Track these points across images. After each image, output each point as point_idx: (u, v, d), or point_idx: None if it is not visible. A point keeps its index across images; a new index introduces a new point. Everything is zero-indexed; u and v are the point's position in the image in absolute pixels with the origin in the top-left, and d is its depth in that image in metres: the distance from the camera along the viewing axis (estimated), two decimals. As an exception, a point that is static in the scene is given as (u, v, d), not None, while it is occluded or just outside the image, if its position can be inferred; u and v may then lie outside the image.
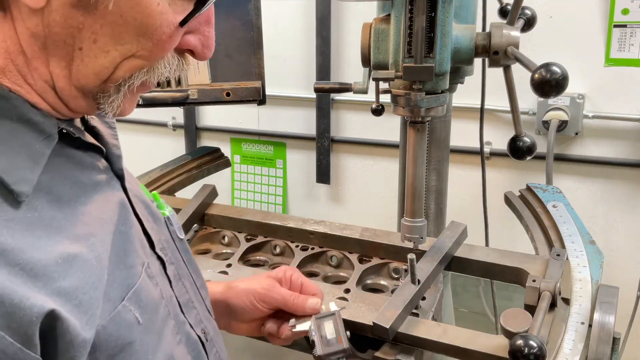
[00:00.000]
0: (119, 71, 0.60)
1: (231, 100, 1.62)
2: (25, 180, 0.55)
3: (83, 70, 0.59)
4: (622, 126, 1.98)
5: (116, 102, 0.63)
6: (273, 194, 2.66)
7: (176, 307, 0.76)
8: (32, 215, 0.56)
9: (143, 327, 0.64)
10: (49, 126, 0.60)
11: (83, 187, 0.64)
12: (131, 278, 0.65)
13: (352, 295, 1.20)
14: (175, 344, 0.72)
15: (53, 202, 0.59)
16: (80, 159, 0.66)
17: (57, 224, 0.58)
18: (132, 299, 0.63)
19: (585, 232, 1.29)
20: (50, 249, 0.55)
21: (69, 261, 0.56)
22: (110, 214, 0.66)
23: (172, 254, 0.80)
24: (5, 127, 0.56)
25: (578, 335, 1.02)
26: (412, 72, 1.00)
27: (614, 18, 1.89)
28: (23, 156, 0.56)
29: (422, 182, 1.16)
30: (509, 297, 2.05)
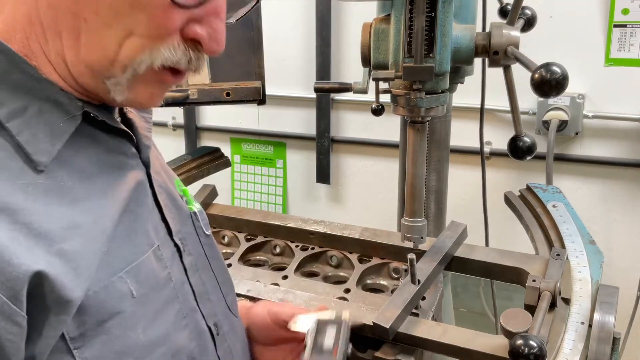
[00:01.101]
0: (123, 50, 0.62)
1: (231, 100, 1.62)
2: (44, 152, 0.62)
3: (90, 45, 0.62)
4: (622, 126, 1.98)
5: (122, 87, 0.65)
6: (273, 194, 2.66)
7: (188, 294, 0.78)
8: (50, 182, 0.62)
9: (137, 300, 0.67)
10: (74, 108, 0.65)
11: (105, 166, 0.69)
12: (135, 254, 0.69)
13: (352, 295, 1.20)
14: (180, 327, 0.74)
15: (73, 175, 0.65)
16: (107, 142, 0.71)
17: (72, 194, 0.64)
18: (131, 272, 0.67)
19: (585, 232, 1.29)
20: (59, 215, 0.61)
21: (74, 228, 0.62)
22: (125, 194, 0.70)
23: (193, 246, 0.83)
24: (35, 106, 0.63)
25: (578, 335, 1.02)
26: (412, 72, 1.00)
27: (614, 18, 1.89)
28: (46, 132, 0.63)
29: (422, 182, 1.16)
30: (509, 297, 2.05)
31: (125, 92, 0.66)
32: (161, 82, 0.68)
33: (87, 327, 0.62)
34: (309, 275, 1.34)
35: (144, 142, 0.77)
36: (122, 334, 0.65)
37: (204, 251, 0.86)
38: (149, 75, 0.65)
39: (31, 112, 0.63)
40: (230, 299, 0.90)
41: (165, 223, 0.78)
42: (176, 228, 0.79)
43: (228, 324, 0.86)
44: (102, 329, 0.63)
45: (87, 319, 0.62)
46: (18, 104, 0.62)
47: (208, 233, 0.89)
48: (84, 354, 0.62)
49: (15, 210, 0.57)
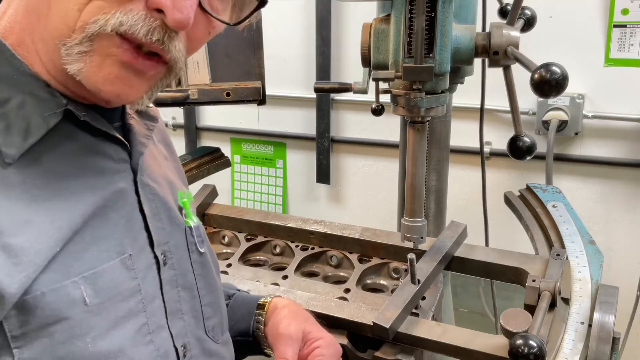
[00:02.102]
0: (82, 15, 0.60)
1: (231, 100, 1.62)
2: (14, 145, 0.62)
3: (55, 15, 0.61)
4: (621, 126, 1.98)
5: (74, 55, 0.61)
6: (273, 194, 2.66)
7: (158, 310, 0.74)
8: (15, 177, 0.62)
9: (89, 308, 0.64)
10: (55, 104, 0.65)
11: (81, 169, 0.68)
12: (97, 260, 0.66)
13: (352, 295, 1.20)
14: (142, 343, 0.70)
15: (42, 173, 0.64)
16: (91, 145, 0.69)
17: (34, 192, 0.63)
18: (89, 279, 0.64)
19: (585, 232, 1.29)
20: (13, 210, 0.60)
21: (25, 225, 0.61)
22: (98, 198, 0.68)
23: (179, 261, 0.79)
24: (17, 99, 0.63)
25: (578, 335, 1.02)
26: (412, 72, 1.00)
27: (614, 18, 1.89)
28: (22, 126, 0.63)
29: (422, 182, 1.16)
30: (509, 297, 2.05)
31: (78, 61, 0.61)
32: (118, 59, 0.62)
33: (30, 327, 0.60)
34: (309, 275, 1.34)
35: (137, 149, 0.74)
36: (66, 340, 0.62)
37: (192, 268, 0.82)
38: (104, 45, 0.61)
39: (12, 104, 0.63)
40: (211, 322, 0.85)
41: (148, 232, 0.74)
42: (161, 239, 0.76)
43: (199, 348, 0.81)
44: (45, 332, 0.61)
45: (30, 319, 0.60)
46: (1, 95, 0.63)
47: (202, 250, 0.85)
48: (23, 355, 0.60)
49: None
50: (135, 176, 0.74)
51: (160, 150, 0.88)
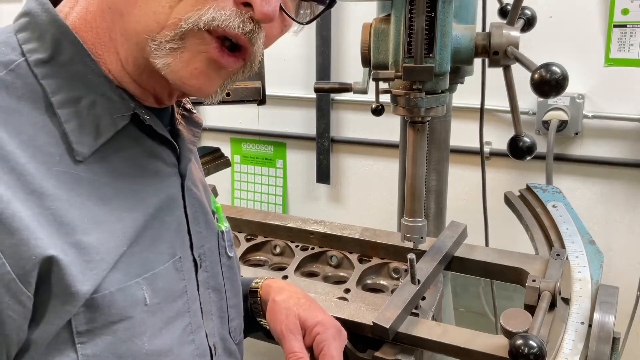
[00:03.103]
0: (174, 13, 0.62)
1: (231, 100, 1.62)
2: (86, 144, 0.64)
3: (143, 13, 0.62)
4: (622, 126, 1.98)
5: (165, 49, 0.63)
6: (273, 194, 2.66)
7: (198, 310, 0.77)
8: (85, 175, 0.63)
9: (149, 308, 0.66)
10: (125, 107, 0.67)
11: (142, 170, 0.70)
12: (155, 262, 0.68)
13: (352, 295, 1.20)
14: (186, 342, 0.73)
15: (109, 172, 0.66)
16: (150, 148, 0.72)
17: (103, 190, 0.65)
18: (149, 279, 0.67)
19: (585, 232, 1.29)
20: (85, 207, 0.62)
21: (96, 223, 0.62)
22: (156, 200, 0.70)
23: (211, 264, 0.82)
24: (89, 98, 0.65)
25: (578, 335, 1.02)
26: (412, 72, 1.00)
27: (614, 18, 1.89)
28: (93, 125, 0.65)
29: (422, 182, 1.16)
30: (509, 297, 2.05)
31: (168, 56, 0.63)
32: (207, 55, 0.64)
33: (96, 325, 0.62)
34: (309, 275, 1.34)
35: (185, 154, 0.77)
36: (127, 338, 0.64)
37: (221, 271, 0.85)
38: (195, 42, 0.63)
39: (84, 103, 0.64)
40: (234, 324, 0.89)
41: (190, 235, 0.77)
42: (199, 243, 0.79)
43: (222, 348, 0.85)
44: (109, 330, 0.63)
45: (97, 316, 0.62)
46: (74, 94, 0.64)
47: (231, 254, 0.88)
48: (86, 350, 0.61)
49: (44, 195, 0.59)
50: (183, 181, 0.76)
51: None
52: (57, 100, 0.63)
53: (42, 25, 0.65)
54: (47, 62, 0.64)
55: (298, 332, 0.94)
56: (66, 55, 0.64)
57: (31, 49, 0.64)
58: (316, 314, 0.96)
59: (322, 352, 0.91)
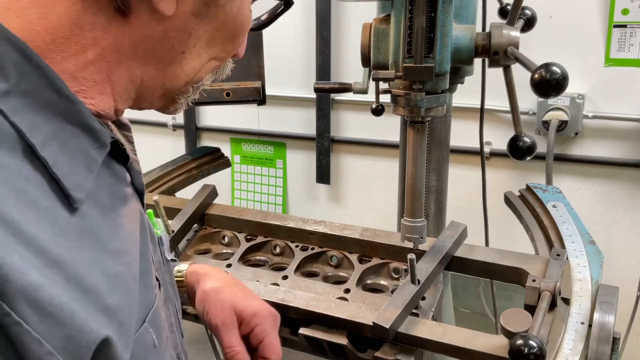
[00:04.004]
0: (200, 73, 0.66)
1: (231, 100, 1.62)
2: (81, 187, 0.54)
3: (178, 72, 0.64)
4: (622, 126, 1.98)
5: (187, 101, 0.69)
6: (273, 194, 2.66)
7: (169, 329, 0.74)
8: (83, 223, 0.54)
9: (157, 350, 0.62)
10: (104, 135, 0.58)
11: (117, 199, 0.62)
12: (150, 298, 0.63)
13: (352, 295, 1.20)
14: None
15: (99, 212, 0.57)
16: (117, 171, 0.64)
17: (102, 236, 0.56)
18: (151, 320, 0.62)
19: (585, 232, 1.29)
20: (97, 264, 0.53)
21: (113, 279, 0.54)
22: (136, 231, 0.64)
23: (162, 276, 0.77)
24: (67, 131, 0.54)
25: (578, 335, 1.02)
26: (412, 72, 1.00)
27: (614, 18, 1.89)
28: (79, 162, 0.55)
29: (422, 182, 1.16)
30: (509, 297, 2.05)
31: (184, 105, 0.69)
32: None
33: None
34: (309, 275, 1.34)
35: (134, 167, 0.68)
36: None
37: (168, 279, 0.81)
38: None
39: (62, 137, 0.53)
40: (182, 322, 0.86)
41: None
42: (155, 259, 0.73)
43: (184, 352, 0.82)
44: None
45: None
46: (49, 127, 0.52)
47: (169, 258, 0.84)
48: None
49: (62, 263, 0.49)
50: (142, 198, 0.70)
51: None
52: (37, 141, 0.51)
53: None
54: (8, 93, 0.50)
55: (234, 325, 0.94)
56: (30, 83, 0.52)
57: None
58: (251, 303, 0.96)
59: (263, 342, 0.92)
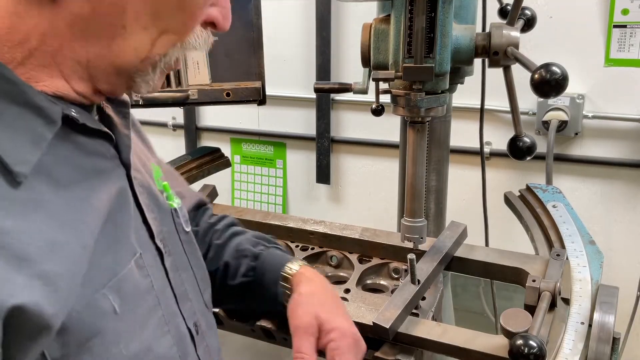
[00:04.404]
0: (155, 48, 0.63)
1: (231, 100, 1.62)
2: (24, 162, 0.57)
3: (123, 48, 0.62)
4: (621, 126, 1.98)
5: (152, 81, 0.66)
6: (273, 194, 2.66)
7: (170, 299, 0.76)
8: (28, 196, 0.57)
9: (119, 316, 0.64)
10: (53, 112, 0.61)
11: (84, 173, 0.65)
12: (117, 267, 0.66)
13: (352, 295, 1.20)
14: (161, 335, 0.72)
15: (51, 185, 0.60)
16: (86, 145, 0.66)
17: (51, 208, 0.59)
18: (113, 287, 0.64)
19: (585, 232, 1.29)
20: (38, 233, 0.57)
21: (54, 247, 0.57)
22: (105, 202, 0.66)
23: (172, 245, 0.80)
24: (12, 111, 0.58)
25: (578, 335, 1.02)
26: (412, 72, 1.00)
27: (614, 18, 1.89)
28: (24, 139, 0.58)
29: (422, 182, 1.16)
30: (509, 297, 2.05)
31: (152, 84, 0.67)
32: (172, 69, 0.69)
33: (70, 348, 0.59)
34: (309, 275, 1.34)
35: (124, 142, 0.73)
36: (104, 352, 0.62)
37: (183, 249, 0.83)
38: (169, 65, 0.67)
39: (8, 118, 0.57)
40: (207, 295, 0.88)
41: (147, 225, 0.74)
42: (157, 229, 0.76)
43: (205, 322, 0.84)
44: (84, 348, 0.60)
45: (69, 339, 0.59)
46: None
47: (187, 230, 0.86)
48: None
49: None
50: (128, 171, 0.73)
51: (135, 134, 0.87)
52: None
53: None
54: None
55: (311, 332, 0.91)
56: None
57: None
58: (336, 318, 0.93)
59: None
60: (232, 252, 1.05)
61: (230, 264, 1.04)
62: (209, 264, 1.00)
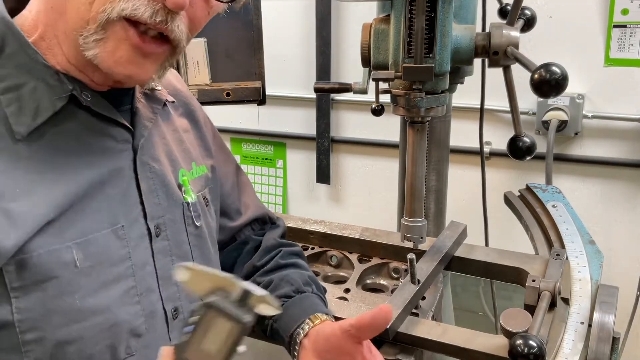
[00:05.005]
0: (93, 7, 0.69)
1: (231, 100, 1.62)
2: (24, 124, 0.71)
3: (70, 12, 0.70)
4: (621, 126, 1.98)
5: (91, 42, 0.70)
6: (273, 194, 2.66)
7: (148, 275, 0.81)
8: (23, 152, 0.71)
9: (79, 270, 0.73)
10: (61, 90, 0.73)
11: (85, 147, 0.76)
12: (90, 229, 0.75)
13: (352, 295, 1.20)
14: (129, 304, 0.78)
15: (48, 150, 0.73)
16: (96, 127, 0.78)
17: (39, 165, 0.72)
18: (81, 244, 0.73)
19: (585, 232, 1.29)
20: (19, 178, 0.70)
21: (26, 192, 0.70)
22: (96, 174, 0.76)
23: (173, 233, 0.86)
24: (30, 85, 0.72)
25: (578, 335, 1.02)
26: (412, 72, 1.00)
27: (614, 18, 1.90)
28: (32, 108, 0.72)
29: (422, 182, 1.16)
30: (509, 297, 2.05)
31: (95, 47, 0.70)
32: (129, 43, 0.71)
33: (26, 282, 0.70)
34: (309, 275, 1.34)
35: (140, 131, 0.83)
36: (56, 296, 0.71)
37: (188, 240, 0.89)
38: (115, 32, 0.70)
39: (26, 89, 0.72)
40: None
41: (143, 207, 0.82)
42: (156, 213, 0.83)
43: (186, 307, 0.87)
44: (38, 287, 0.70)
45: (26, 275, 0.69)
46: (17, 81, 0.72)
47: (198, 224, 0.92)
48: (19, 304, 0.69)
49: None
50: (135, 155, 0.82)
51: (179, 125, 0.96)
52: (0, 88, 0.71)
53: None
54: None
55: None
56: (11, 48, 0.72)
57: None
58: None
59: None
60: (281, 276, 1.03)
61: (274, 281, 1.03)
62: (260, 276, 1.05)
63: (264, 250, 1.09)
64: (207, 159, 1.02)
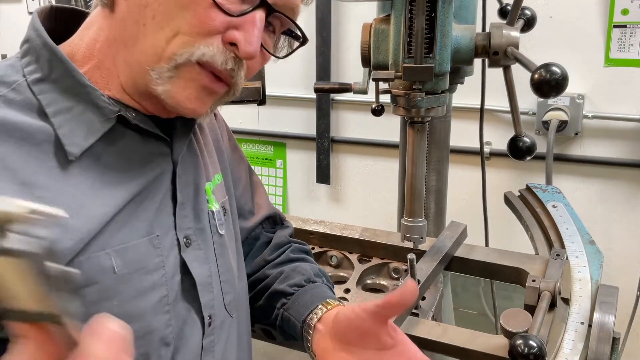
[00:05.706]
0: (169, 47, 0.72)
1: (231, 100, 1.61)
2: (77, 145, 0.74)
3: (145, 46, 0.73)
4: (621, 126, 1.98)
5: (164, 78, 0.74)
6: (273, 194, 2.66)
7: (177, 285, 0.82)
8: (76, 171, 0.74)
9: (117, 277, 0.75)
10: (109, 111, 0.76)
11: (130, 162, 0.79)
12: (129, 237, 0.77)
13: (352, 295, 1.20)
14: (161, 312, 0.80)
15: (99, 168, 0.76)
16: (139, 142, 0.81)
17: (91, 183, 0.74)
18: (120, 252, 0.75)
19: (585, 232, 1.29)
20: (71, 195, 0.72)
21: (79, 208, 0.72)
22: (138, 187, 0.79)
23: (204, 242, 0.88)
24: (79, 107, 0.75)
25: (578, 335, 1.02)
26: (412, 72, 1.00)
27: (614, 18, 1.90)
28: (83, 129, 0.75)
29: (422, 182, 1.16)
30: (509, 297, 2.05)
31: (166, 83, 0.74)
32: (199, 83, 0.75)
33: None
34: (309, 275, 1.34)
35: (178, 145, 0.86)
36: (96, 301, 0.73)
37: (214, 249, 0.91)
38: (188, 72, 0.74)
39: (75, 111, 0.75)
40: (228, 298, 0.92)
41: (174, 217, 0.84)
42: (184, 225, 0.85)
43: (220, 320, 0.89)
44: (79, 292, 0.71)
45: None
46: (65, 105, 0.75)
47: (222, 233, 0.94)
48: None
49: (34, 186, 0.69)
50: (175, 168, 0.85)
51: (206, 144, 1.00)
52: (51, 111, 0.74)
53: (37, 49, 0.76)
54: (43, 80, 0.75)
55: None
56: (57, 73, 0.75)
57: (30, 70, 0.75)
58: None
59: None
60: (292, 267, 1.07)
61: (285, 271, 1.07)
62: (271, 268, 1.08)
63: (275, 245, 1.12)
64: (221, 162, 1.05)
